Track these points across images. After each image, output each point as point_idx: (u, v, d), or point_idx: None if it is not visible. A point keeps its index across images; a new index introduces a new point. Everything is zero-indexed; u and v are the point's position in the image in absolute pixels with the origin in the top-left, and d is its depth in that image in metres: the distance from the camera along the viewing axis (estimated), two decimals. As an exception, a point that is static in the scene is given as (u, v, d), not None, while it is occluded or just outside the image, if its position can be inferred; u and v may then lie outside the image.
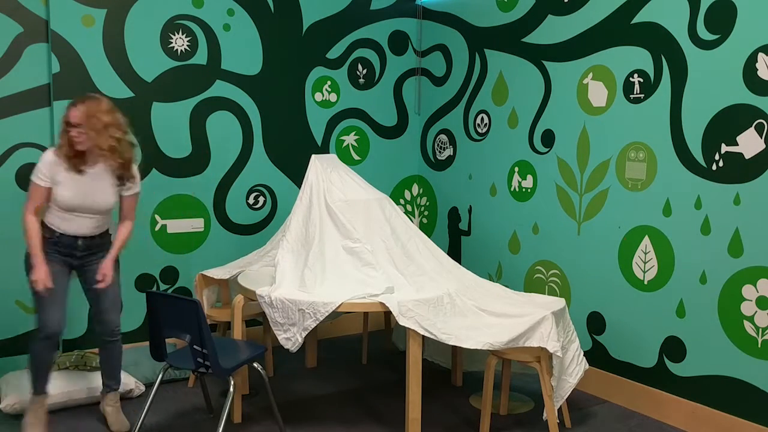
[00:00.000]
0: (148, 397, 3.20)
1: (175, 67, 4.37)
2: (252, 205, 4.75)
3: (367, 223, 3.67)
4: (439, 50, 5.14)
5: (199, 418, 3.65)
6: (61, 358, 3.90)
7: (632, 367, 3.83)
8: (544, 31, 4.28)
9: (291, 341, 3.35)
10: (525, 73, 4.42)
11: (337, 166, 3.91)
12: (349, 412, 3.77)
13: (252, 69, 4.65)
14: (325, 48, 4.92)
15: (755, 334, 3.25)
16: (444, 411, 3.79)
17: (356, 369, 4.46)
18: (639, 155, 3.74)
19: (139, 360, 4.08)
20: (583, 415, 3.76)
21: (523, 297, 3.68)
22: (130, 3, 4.20)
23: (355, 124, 5.11)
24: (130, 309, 4.35)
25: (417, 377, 3.27)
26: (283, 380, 4.22)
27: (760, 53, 3.18)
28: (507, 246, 4.61)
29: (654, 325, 3.69)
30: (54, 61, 4.00)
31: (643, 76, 3.70)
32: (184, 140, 4.46)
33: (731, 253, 3.33)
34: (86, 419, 3.60)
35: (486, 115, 4.75)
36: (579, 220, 4.10)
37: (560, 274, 4.23)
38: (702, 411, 3.48)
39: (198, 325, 2.92)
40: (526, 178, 4.45)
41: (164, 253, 4.44)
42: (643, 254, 3.74)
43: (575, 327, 3.62)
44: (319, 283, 3.45)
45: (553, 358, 3.35)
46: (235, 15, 4.54)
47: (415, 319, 3.23)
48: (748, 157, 3.25)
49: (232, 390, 3.06)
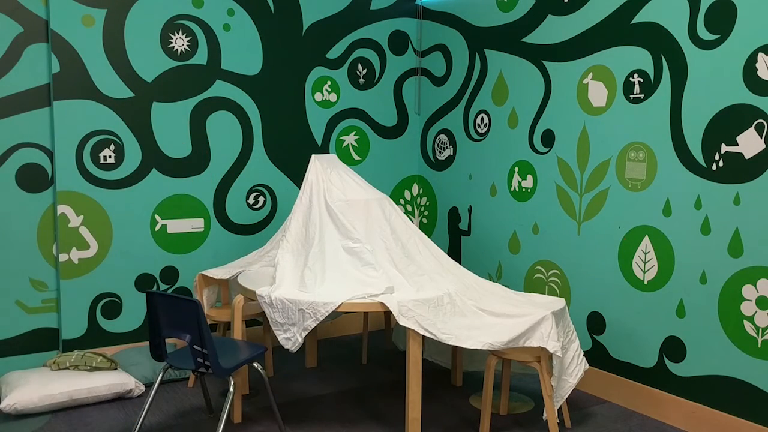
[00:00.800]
0: (148, 397, 3.19)
1: (175, 67, 4.38)
2: (252, 205, 4.75)
3: (367, 223, 3.67)
4: (439, 50, 5.14)
5: (199, 418, 3.65)
6: (61, 358, 3.90)
7: (632, 367, 3.83)
8: (544, 31, 4.28)
9: (291, 341, 3.35)
10: (525, 73, 4.42)
11: (337, 166, 3.91)
12: (349, 412, 3.77)
13: (252, 69, 4.65)
14: (325, 48, 4.92)
15: (755, 334, 3.25)
16: (444, 411, 3.79)
17: (356, 369, 4.46)
18: (639, 155, 3.74)
19: (139, 360, 4.08)
20: (583, 415, 3.76)
21: (523, 297, 3.68)
22: (130, 3, 4.20)
23: (355, 124, 5.11)
24: (130, 309, 4.35)
25: (417, 377, 3.27)
26: (283, 380, 4.22)
27: (760, 53, 3.18)
28: (507, 246, 4.61)
29: (654, 325, 3.69)
30: (54, 61, 4.01)
31: (643, 76, 3.70)
32: (184, 140, 4.46)
33: (731, 253, 3.33)
34: (86, 419, 3.60)
35: (486, 115, 4.75)
36: (579, 220, 4.10)
37: (560, 274, 4.23)
38: (702, 411, 3.48)
39: (198, 325, 2.92)
40: (526, 178, 4.45)
41: (164, 253, 4.44)
42: (643, 254, 3.74)
43: (575, 327, 3.62)
44: (319, 283, 3.45)
45: (553, 358, 3.35)
46: (235, 15, 4.55)
47: (415, 319, 3.23)
48: (748, 157, 3.25)
49: (232, 390, 3.06)
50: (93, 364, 3.87)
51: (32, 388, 3.62)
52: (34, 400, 3.58)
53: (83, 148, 4.13)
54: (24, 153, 4.01)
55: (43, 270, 4.10)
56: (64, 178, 4.09)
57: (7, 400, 3.56)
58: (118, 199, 4.25)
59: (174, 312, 3.02)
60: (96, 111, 4.15)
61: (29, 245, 4.04)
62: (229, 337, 3.65)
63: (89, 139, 4.15)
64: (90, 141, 4.15)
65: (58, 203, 4.07)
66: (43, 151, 4.06)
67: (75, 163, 4.11)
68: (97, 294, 4.25)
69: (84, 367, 3.87)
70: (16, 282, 4.04)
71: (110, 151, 4.21)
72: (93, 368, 3.87)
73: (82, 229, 4.16)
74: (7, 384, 3.72)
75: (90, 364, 3.88)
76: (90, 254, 4.20)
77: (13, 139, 3.98)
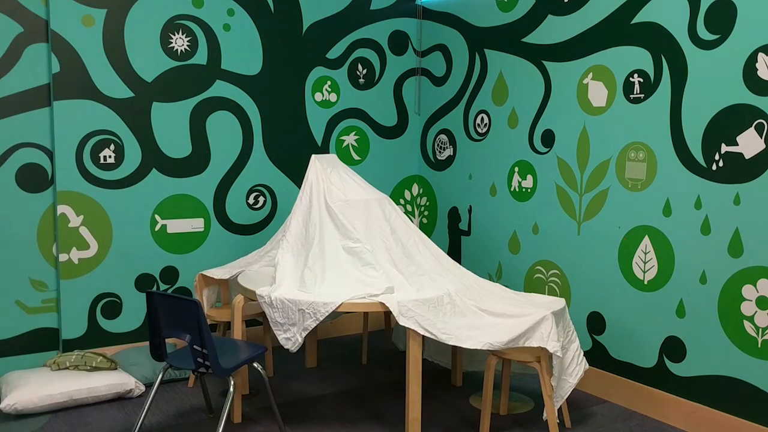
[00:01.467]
0: (148, 397, 3.19)
1: (175, 67, 4.38)
2: (252, 205, 4.75)
3: (367, 223, 3.67)
4: (439, 50, 5.14)
5: (199, 418, 3.65)
6: (61, 358, 3.90)
7: (632, 367, 3.83)
8: (544, 31, 4.28)
9: (291, 341, 3.35)
10: (525, 73, 4.42)
11: (337, 166, 3.91)
12: (349, 412, 3.77)
13: (252, 69, 4.65)
14: (325, 48, 4.92)
15: (755, 334, 3.25)
16: (444, 411, 3.79)
17: (356, 369, 4.46)
18: (639, 155, 3.74)
19: (139, 360, 4.08)
20: (583, 415, 3.76)
21: (523, 297, 3.68)
22: (130, 3, 4.20)
23: (355, 124, 5.11)
24: (130, 309, 4.35)
25: (417, 377, 3.27)
26: (283, 380, 4.22)
27: (760, 53, 3.18)
28: (507, 246, 4.61)
29: (654, 325, 3.69)
30: (54, 61, 4.01)
31: (643, 76, 3.70)
32: (184, 140, 4.46)
33: (731, 253, 3.33)
34: (86, 419, 3.60)
35: (486, 115, 4.75)
36: (579, 220, 4.10)
37: (560, 274, 4.23)
38: (702, 411, 3.48)
39: (198, 325, 2.92)
40: (526, 178, 4.45)
41: (164, 253, 4.44)
42: (643, 254, 3.74)
43: (575, 327, 3.62)
44: (319, 283, 3.45)
45: (553, 358, 3.35)
46: (235, 15, 4.55)
47: (415, 319, 3.23)
48: (748, 157, 3.25)
49: (232, 390, 3.06)
50: (93, 364, 3.87)
51: (32, 388, 3.62)
52: (34, 400, 3.58)
53: (83, 148, 4.13)
54: (24, 153, 4.01)
55: (43, 270, 4.10)
56: (64, 178, 4.09)
57: (7, 400, 3.56)
58: (118, 199, 4.25)
59: (174, 312, 3.02)
60: (96, 111, 4.15)
61: (29, 245, 4.04)
62: (229, 337, 3.65)
63: (89, 139, 4.15)
64: (90, 141, 4.15)
65: (58, 203, 4.07)
66: (43, 151, 4.07)
67: (75, 163, 4.11)
68: (97, 294, 4.25)
69: (84, 367, 3.87)
70: (16, 282, 4.04)
71: (110, 151, 4.21)
72: (93, 368, 3.87)
73: (82, 229, 4.16)
74: (7, 384, 3.72)
75: (90, 364, 3.88)
76: (90, 254, 4.20)
77: (13, 139, 3.98)
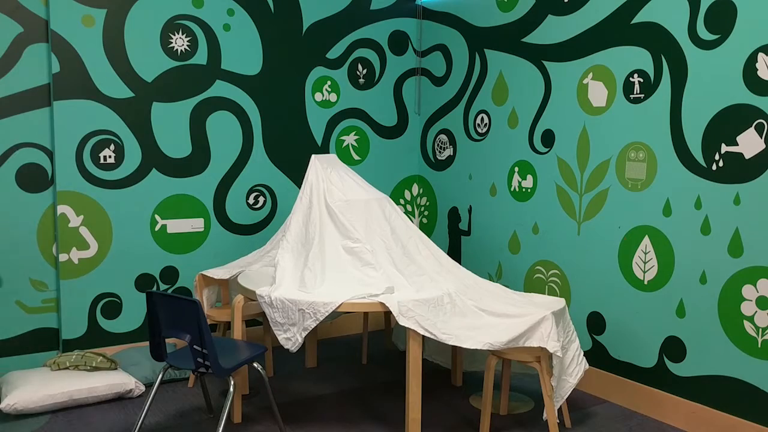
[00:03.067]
0: (148, 397, 3.19)
1: (175, 67, 4.38)
2: (252, 205, 4.75)
3: (367, 223, 3.67)
4: (439, 50, 5.14)
5: (199, 418, 3.65)
6: (61, 358, 3.90)
7: (632, 367, 3.83)
8: (544, 31, 4.28)
9: (291, 341, 3.35)
10: (525, 73, 4.42)
11: (337, 166, 3.91)
12: (349, 412, 3.77)
13: (252, 69, 4.65)
14: (325, 48, 4.92)
15: (755, 334, 3.25)
16: (444, 411, 3.79)
17: (356, 369, 4.46)
18: (639, 155, 3.74)
19: (139, 360, 4.09)
20: (583, 415, 3.76)
21: (523, 297, 3.68)
22: (130, 3, 4.20)
23: (355, 124, 5.11)
24: (130, 309, 4.35)
25: (417, 377, 3.27)
26: (283, 380, 4.22)
27: (760, 53, 3.18)
28: (507, 246, 4.61)
29: (654, 325, 3.69)
30: (54, 61, 4.01)
31: (643, 76, 3.70)
32: (184, 140, 4.46)
33: (731, 253, 3.33)
34: (86, 419, 3.60)
35: (486, 115, 4.75)
36: (579, 220, 4.10)
37: (560, 274, 4.23)
38: (702, 411, 3.48)
39: (198, 325, 2.92)
40: (526, 178, 4.45)
41: (164, 253, 4.44)
42: (643, 254, 3.74)
43: (575, 327, 3.62)
44: (319, 283, 3.45)
45: (553, 358, 3.35)
46: (235, 15, 4.55)
47: (415, 319, 3.23)
48: (748, 157, 3.25)
49: (232, 390, 3.05)
50: (93, 364, 3.87)
51: (32, 388, 3.62)
52: (34, 400, 3.58)
53: (83, 148, 4.13)
54: (24, 153, 4.01)
55: (43, 270, 4.10)
56: (64, 178, 4.09)
57: (7, 400, 3.56)
58: (118, 199, 4.25)
59: (174, 312, 3.02)
60: (96, 111, 4.15)
61: (29, 245, 4.04)
62: (229, 337, 3.65)
63: (89, 139, 4.15)
64: (90, 141, 4.15)
65: (58, 203, 4.07)
66: (43, 151, 4.07)
67: (75, 163, 4.11)
68: (97, 294, 4.25)
69: (84, 367, 3.87)
70: (16, 282, 4.04)
71: (110, 151, 4.21)
72: (93, 368, 3.87)
73: (82, 229, 4.16)
74: (7, 384, 3.72)
75: (90, 364, 3.88)
76: (90, 254, 4.20)
77: (13, 139, 3.98)
